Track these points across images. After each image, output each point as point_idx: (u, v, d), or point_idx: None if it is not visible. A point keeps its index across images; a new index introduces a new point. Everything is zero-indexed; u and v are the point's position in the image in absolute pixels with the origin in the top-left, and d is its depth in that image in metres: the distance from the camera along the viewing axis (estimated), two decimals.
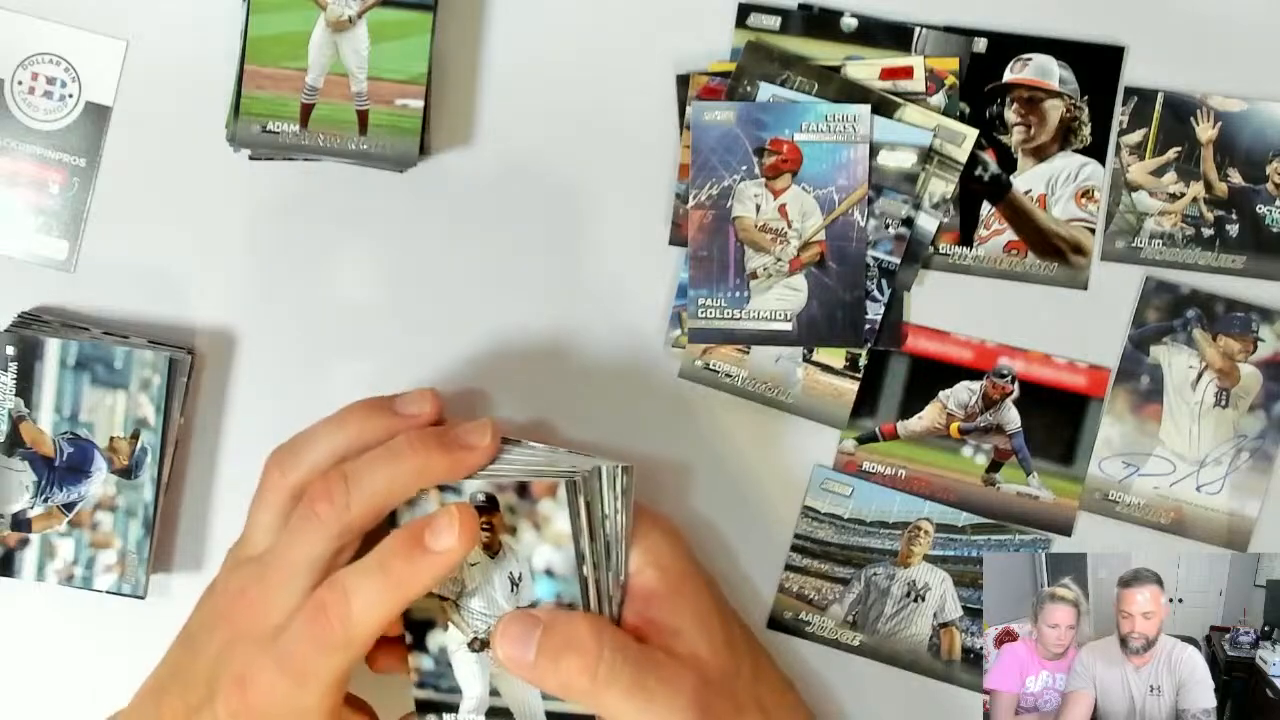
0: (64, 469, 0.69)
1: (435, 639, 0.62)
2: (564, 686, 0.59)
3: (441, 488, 0.60)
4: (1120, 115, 0.72)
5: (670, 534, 0.64)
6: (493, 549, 0.60)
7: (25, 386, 0.68)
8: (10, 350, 0.68)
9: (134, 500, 0.69)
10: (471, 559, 0.60)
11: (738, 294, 0.71)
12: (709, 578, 0.66)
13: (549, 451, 0.62)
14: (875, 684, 0.73)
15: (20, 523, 0.69)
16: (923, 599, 0.73)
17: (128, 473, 0.69)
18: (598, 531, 0.60)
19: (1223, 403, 0.72)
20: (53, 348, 0.68)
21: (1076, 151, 0.72)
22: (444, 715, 0.62)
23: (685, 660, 0.60)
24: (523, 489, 0.59)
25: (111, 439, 0.69)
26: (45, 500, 0.69)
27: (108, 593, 0.70)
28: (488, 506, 0.59)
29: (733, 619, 0.67)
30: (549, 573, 0.60)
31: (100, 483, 0.69)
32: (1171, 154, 0.72)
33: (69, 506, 0.69)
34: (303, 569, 0.59)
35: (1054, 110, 0.72)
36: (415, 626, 0.61)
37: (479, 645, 0.61)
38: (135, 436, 0.69)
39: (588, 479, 0.60)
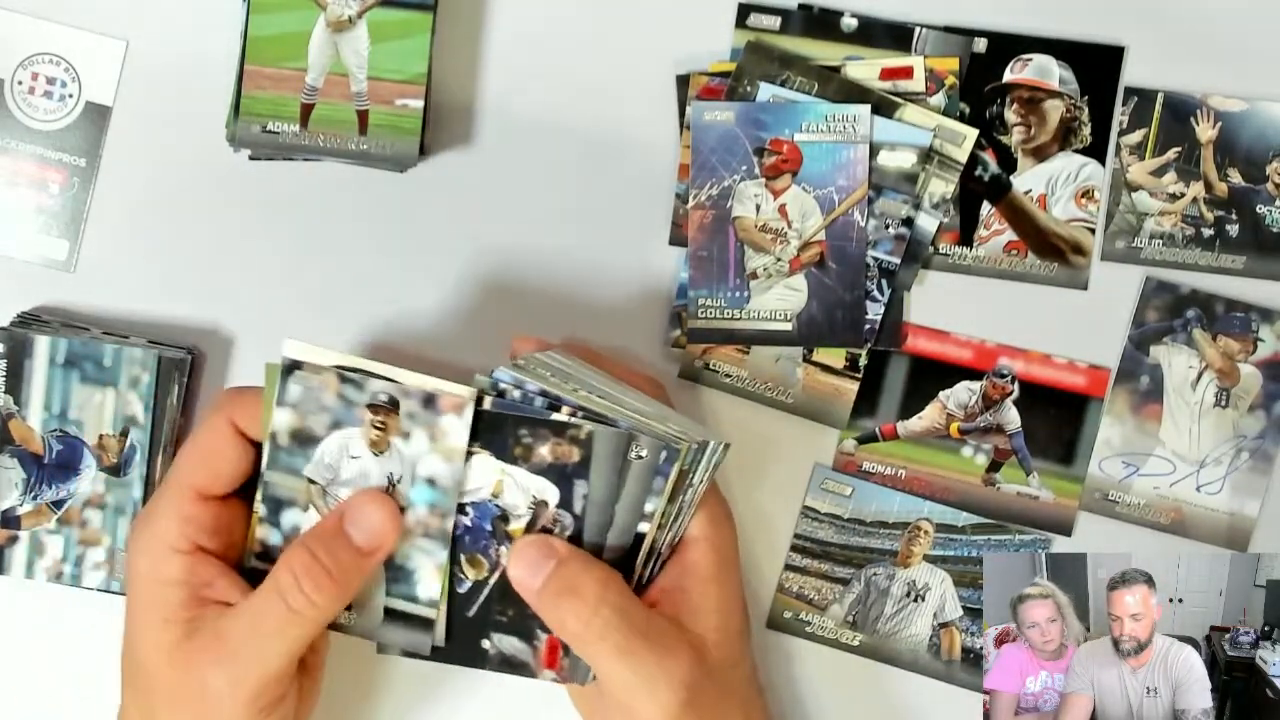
0: (53, 466, 0.69)
1: (290, 517, 0.61)
2: (559, 625, 0.60)
3: (344, 379, 0.59)
4: (1120, 115, 0.72)
5: (729, 518, 0.64)
6: (378, 448, 0.60)
7: (14, 384, 0.68)
8: None
9: (123, 498, 0.69)
10: (353, 452, 0.60)
11: (738, 294, 0.71)
12: (741, 572, 0.67)
13: (661, 408, 0.63)
14: (875, 684, 0.73)
15: (9, 520, 0.69)
16: (923, 599, 0.73)
17: (117, 470, 0.69)
18: (678, 497, 0.61)
19: (1223, 403, 0.72)
20: (42, 345, 0.68)
21: (1076, 151, 0.72)
22: None
23: (692, 639, 0.61)
24: (429, 400, 0.59)
25: (101, 436, 0.69)
26: (34, 498, 0.69)
27: (97, 590, 0.70)
28: (387, 406, 0.60)
29: (748, 618, 0.67)
30: (430, 482, 0.60)
31: (89, 480, 0.69)
32: (1171, 154, 0.72)
33: (58, 504, 0.69)
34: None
35: (1054, 110, 0.72)
36: (273, 502, 0.61)
37: None
38: (124, 434, 0.69)
39: (695, 451, 0.60)
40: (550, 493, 0.60)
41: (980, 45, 0.72)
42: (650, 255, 0.72)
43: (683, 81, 0.72)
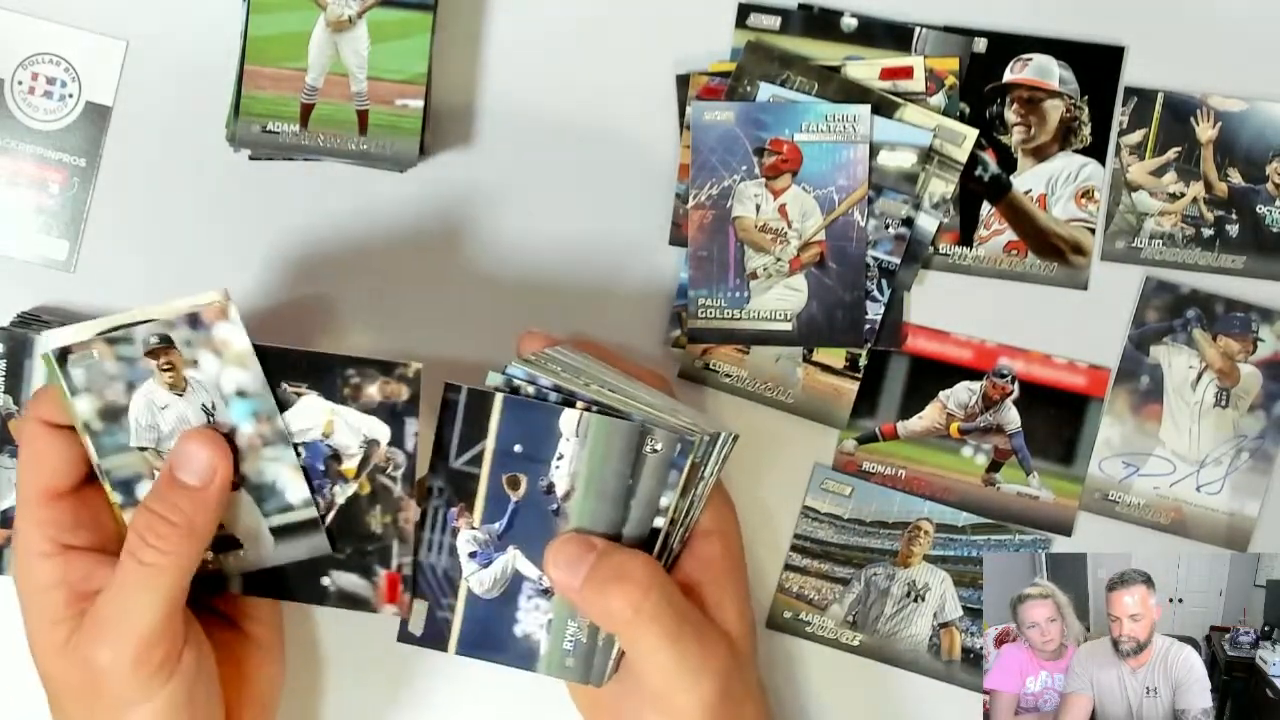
0: None
1: (144, 489, 0.61)
2: (606, 613, 0.59)
3: (111, 341, 0.59)
4: (1120, 115, 0.72)
5: (734, 511, 0.65)
6: (178, 388, 0.60)
7: (14, 384, 0.68)
8: None
9: None
10: (160, 402, 0.60)
11: (738, 294, 0.71)
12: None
13: (671, 401, 0.63)
14: (875, 684, 0.73)
15: (8, 520, 0.69)
16: (923, 599, 0.73)
17: None
18: (690, 490, 0.61)
19: (1223, 403, 0.72)
20: (41, 345, 0.68)
21: (1076, 151, 0.72)
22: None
23: (725, 633, 0.61)
24: (194, 320, 0.59)
25: None
26: None
27: None
28: (162, 345, 0.60)
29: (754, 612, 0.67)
30: (241, 394, 0.60)
31: None
32: (1171, 154, 0.72)
33: None
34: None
35: (1054, 110, 0.72)
36: (121, 485, 0.61)
37: None
38: None
39: (707, 443, 0.60)
40: (381, 431, 0.61)
41: (980, 45, 0.72)
42: (650, 255, 0.72)
43: (683, 81, 0.72)
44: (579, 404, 0.59)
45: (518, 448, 0.60)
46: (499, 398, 0.60)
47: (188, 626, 0.60)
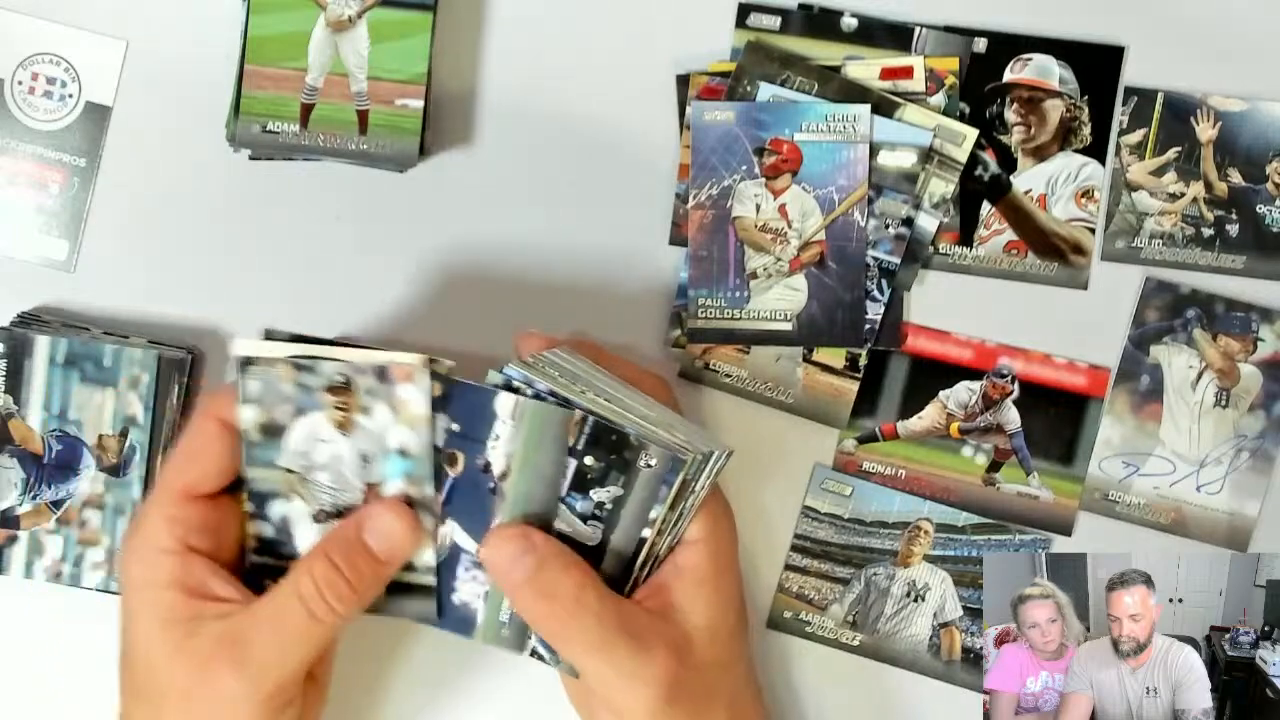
0: (52, 466, 0.69)
1: (277, 508, 0.62)
2: (535, 623, 0.61)
3: (298, 367, 0.60)
4: (1120, 115, 0.72)
5: (729, 517, 0.65)
6: (345, 429, 0.61)
7: (14, 384, 0.69)
8: None
9: (122, 498, 0.69)
10: (323, 436, 0.61)
11: (738, 294, 0.71)
12: (739, 572, 0.67)
13: (667, 413, 0.63)
14: (875, 684, 0.73)
15: (8, 520, 0.69)
16: (923, 599, 0.73)
17: (116, 470, 0.69)
18: (679, 504, 0.61)
19: (1223, 403, 0.72)
20: (41, 345, 0.68)
21: (1076, 151, 0.72)
22: (278, 579, 0.62)
23: (675, 635, 0.61)
24: (382, 373, 0.60)
25: (100, 437, 0.69)
26: (34, 497, 0.69)
27: (95, 590, 0.70)
28: (343, 386, 0.60)
29: (745, 618, 0.67)
30: (402, 452, 0.61)
31: (89, 480, 0.69)
32: (1171, 154, 0.72)
33: (57, 504, 0.69)
34: None
35: (1054, 110, 0.72)
36: (258, 497, 0.62)
37: (324, 517, 0.62)
38: (124, 434, 0.69)
39: (699, 463, 0.60)
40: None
41: (980, 45, 0.72)
42: (650, 255, 0.72)
43: (683, 81, 0.72)
44: (577, 412, 0.60)
45: (455, 426, 0.60)
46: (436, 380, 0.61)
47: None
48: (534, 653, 0.62)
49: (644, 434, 0.60)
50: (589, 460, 0.60)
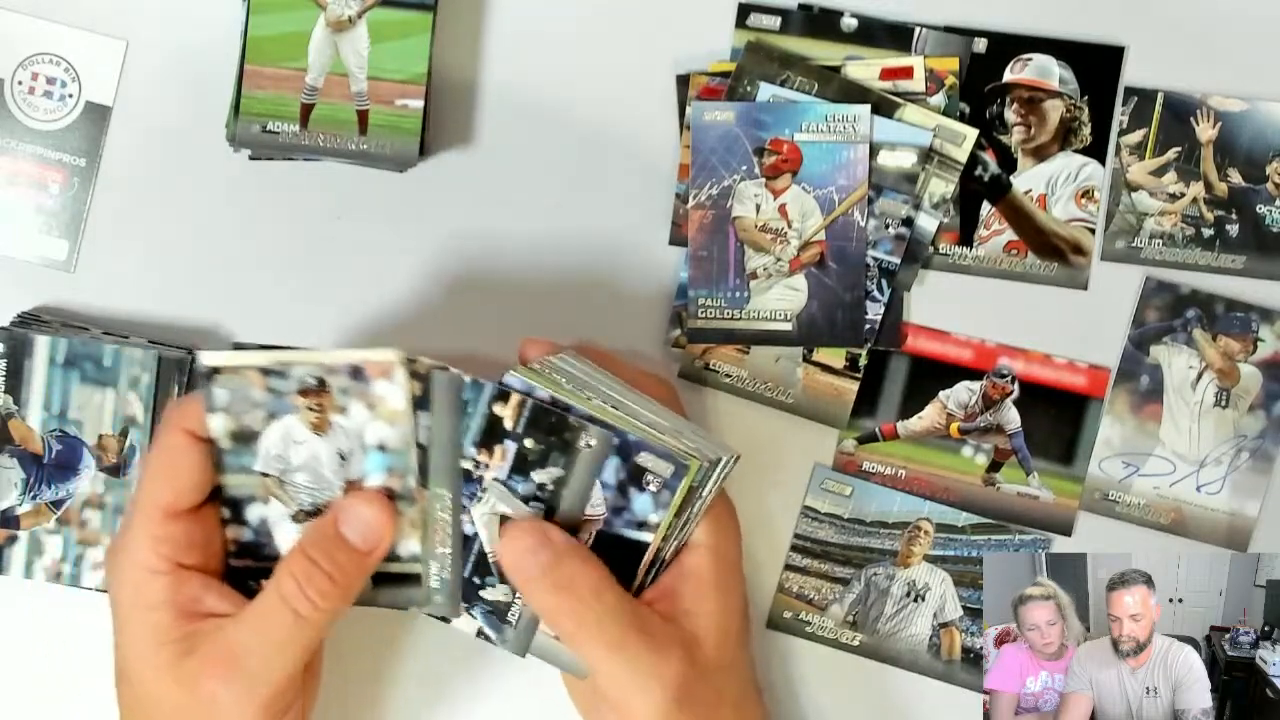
0: (52, 466, 0.69)
1: (255, 512, 0.61)
2: (552, 619, 0.60)
3: (266, 372, 0.59)
4: (1120, 115, 0.72)
5: (734, 522, 0.64)
6: (320, 429, 0.60)
7: (14, 384, 0.69)
8: None
9: (122, 498, 0.69)
10: (298, 438, 0.60)
11: (738, 294, 0.71)
12: (744, 575, 0.67)
13: (675, 419, 0.63)
14: (875, 684, 0.73)
15: (8, 520, 0.69)
16: (923, 599, 0.73)
17: (116, 470, 0.69)
18: (685, 510, 0.61)
19: (1223, 403, 0.72)
20: (42, 345, 0.68)
21: (1076, 151, 0.72)
22: (261, 581, 0.61)
23: (685, 637, 0.61)
24: (356, 372, 0.59)
25: (100, 437, 0.69)
26: (33, 497, 0.69)
27: (95, 590, 0.70)
28: (317, 388, 0.60)
29: (749, 620, 0.67)
30: (381, 448, 0.60)
31: (89, 480, 0.69)
32: (1171, 154, 0.72)
33: (57, 504, 0.69)
34: None
35: (1054, 110, 0.72)
36: (233, 502, 0.61)
37: (304, 516, 0.61)
38: (124, 434, 0.69)
39: (705, 470, 0.60)
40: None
41: (980, 45, 0.72)
42: (650, 255, 0.72)
43: (683, 81, 0.72)
44: (574, 418, 0.59)
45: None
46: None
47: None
48: (480, 632, 0.62)
49: (647, 440, 0.59)
50: (529, 442, 0.59)
